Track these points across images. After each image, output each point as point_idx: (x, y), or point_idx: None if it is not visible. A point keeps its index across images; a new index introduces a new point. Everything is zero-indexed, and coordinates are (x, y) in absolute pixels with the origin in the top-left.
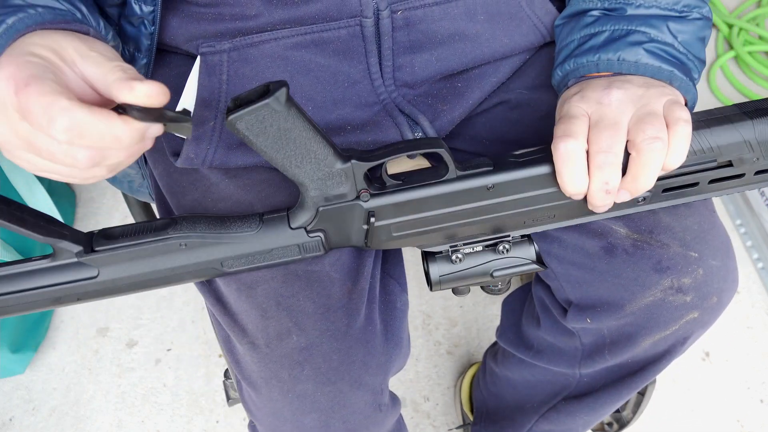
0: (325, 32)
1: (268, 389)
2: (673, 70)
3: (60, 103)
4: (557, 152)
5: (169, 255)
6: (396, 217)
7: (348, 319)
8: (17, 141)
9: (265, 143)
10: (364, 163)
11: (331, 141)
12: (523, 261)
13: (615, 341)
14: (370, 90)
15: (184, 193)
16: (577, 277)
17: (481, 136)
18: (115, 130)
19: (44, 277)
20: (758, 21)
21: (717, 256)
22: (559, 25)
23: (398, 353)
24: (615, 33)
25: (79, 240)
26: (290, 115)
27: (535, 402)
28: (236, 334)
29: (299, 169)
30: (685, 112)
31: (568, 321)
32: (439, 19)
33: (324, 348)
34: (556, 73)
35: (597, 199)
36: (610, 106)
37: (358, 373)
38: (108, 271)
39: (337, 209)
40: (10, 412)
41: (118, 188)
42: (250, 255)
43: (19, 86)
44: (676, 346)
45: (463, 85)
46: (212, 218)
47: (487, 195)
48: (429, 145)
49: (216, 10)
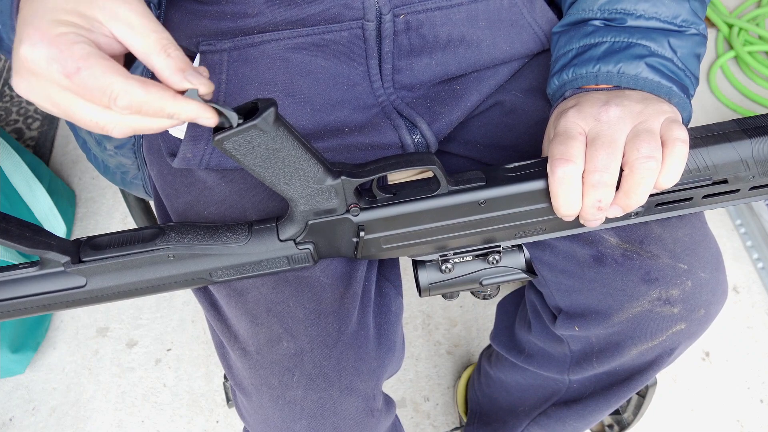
0: (327, 34)
1: (258, 396)
2: (671, 87)
3: (117, 84)
4: (554, 175)
5: (157, 266)
6: (386, 231)
7: (339, 324)
8: (55, 109)
9: (253, 162)
10: (354, 180)
11: (321, 157)
12: (512, 270)
13: (603, 349)
14: (369, 92)
15: (177, 195)
16: (566, 285)
17: (476, 141)
18: (173, 109)
19: (31, 285)
20: (758, 21)
21: (707, 269)
22: (557, 32)
23: (391, 357)
24: (615, 45)
25: (66, 250)
26: (279, 135)
27: (526, 406)
28: (228, 339)
29: (288, 186)
30: (682, 131)
31: (557, 328)
32: (441, 24)
33: (314, 354)
34: (552, 82)
35: (589, 215)
36: (608, 123)
37: (349, 378)
38: (96, 280)
39: (327, 223)
40: (10, 412)
41: (110, 180)
42: (239, 266)
43: (69, 71)
44: (663, 357)
45: (461, 88)
46: (201, 228)
47: (479, 210)
48: (421, 162)
49: (218, 8)
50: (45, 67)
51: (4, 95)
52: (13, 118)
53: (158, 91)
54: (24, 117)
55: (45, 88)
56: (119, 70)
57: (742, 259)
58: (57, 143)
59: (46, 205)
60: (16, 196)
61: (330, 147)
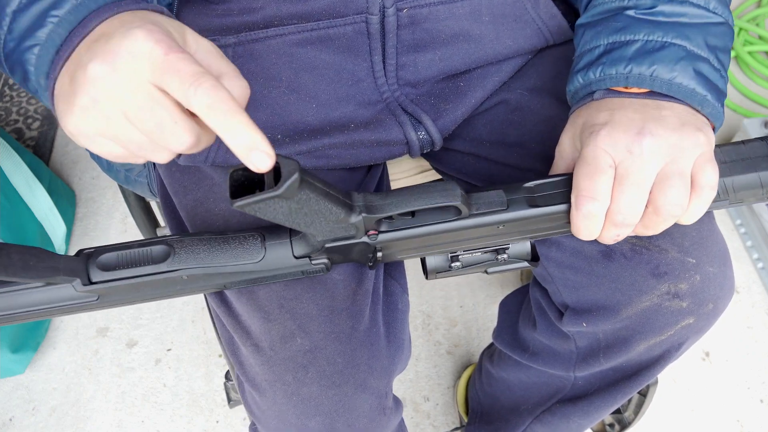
0: (331, 29)
1: (272, 392)
2: (706, 96)
3: (205, 73)
4: (578, 211)
5: (171, 284)
6: (402, 248)
7: (352, 321)
8: (111, 129)
9: (274, 217)
10: (373, 216)
11: (342, 199)
12: (518, 260)
13: (610, 345)
14: (373, 88)
15: (186, 192)
16: (574, 281)
17: (481, 138)
18: (240, 119)
19: (42, 296)
20: (758, 21)
21: (714, 263)
22: (582, 25)
23: (401, 356)
24: (648, 44)
25: (74, 270)
26: (302, 197)
27: (529, 404)
28: (240, 335)
29: (308, 228)
30: (713, 175)
31: (564, 324)
32: (444, 18)
33: (328, 351)
34: (575, 79)
35: (605, 241)
36: (640, 158)
37: (363, 376)
38: (108, 297)
39: (344, 246)
40: (10, 412)
41: (113, 178)
42: (253, 279)
43: (172, 48)
44: (671, 352)
45: (465, 84)
46: (212, 242)
47: (497, 230)
48: (444, 198)
49: (225, 6)
50: (144, 50)
51: (4, 95)
52: (13, 118)
53: (233, 98)
54: (24, 117)
55: (107, 109)
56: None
57: (742, 259)
58: (57, 143)
59: (46, 205)
60: (16, 196)
61: (336, 143)
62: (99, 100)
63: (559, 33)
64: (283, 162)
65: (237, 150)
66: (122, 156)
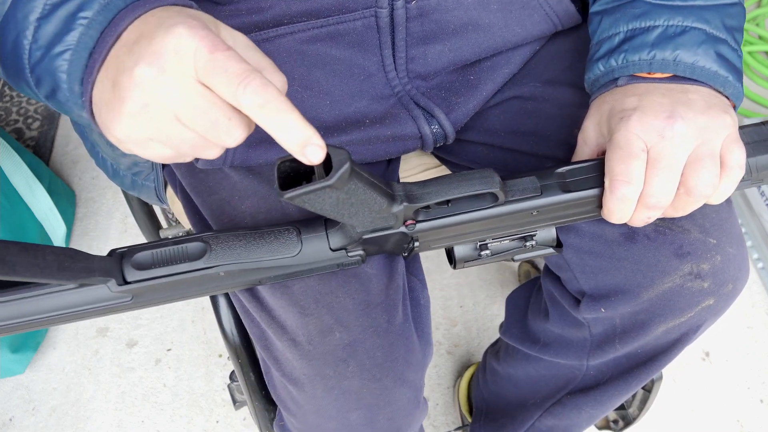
0: (341, 24)
1: (312, 386)
2: (728, 77)
3: (254, 72)
4: (612, 194)
5: (207, 282)
6: (437, 237)
7: (388, 315)
8: (163, 131)
9: (321, 208)
10: (414, 205)
11: (385, 189)
12: (543, 247)
13: (627, 330)
14: (384, 83)
15: (209, 192)
16: (593, 266)
17: (495, 128)
18: (293, 116)
19: (76, 296)
20: (758, 21)
21: (733, 244)
22: (598, 12)
23: (429, 350)
24: (669, 30)
25: (108, 270)
26: (351, 188)
27: (538, 398)
28: (275, 331)
29: (351, 219)
30: (741, 155)
31: (581, 312)
32: (453, 8)
33: (367, 344)
34: (595, 67)
35: (635, 223)
36: (671, 141)
37: (401, 369)
38: (142, 297)
39: (382, 236)
40: (10, 412)
41: (118, 184)
42: (289, 273)
43: (217, 45)
44: (689, 334)
45: (476, 77)
46: (247, 237)
47: (531, 216)
48: (483, 185)
49: (233, 6)
50: (190, 48)
51: (4, 95)
52: (13, 118)
53: (282, 95)
54: (24, 117)
55: (158, 112)
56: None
57: None
58: (57, 143)
59: (46, 205)
60: (16, 196)
61: (353, 140)
62: (149, 104)
63: (566, 17)
64: (333, 152)
65: (290, 146)
66: (171, 157)
